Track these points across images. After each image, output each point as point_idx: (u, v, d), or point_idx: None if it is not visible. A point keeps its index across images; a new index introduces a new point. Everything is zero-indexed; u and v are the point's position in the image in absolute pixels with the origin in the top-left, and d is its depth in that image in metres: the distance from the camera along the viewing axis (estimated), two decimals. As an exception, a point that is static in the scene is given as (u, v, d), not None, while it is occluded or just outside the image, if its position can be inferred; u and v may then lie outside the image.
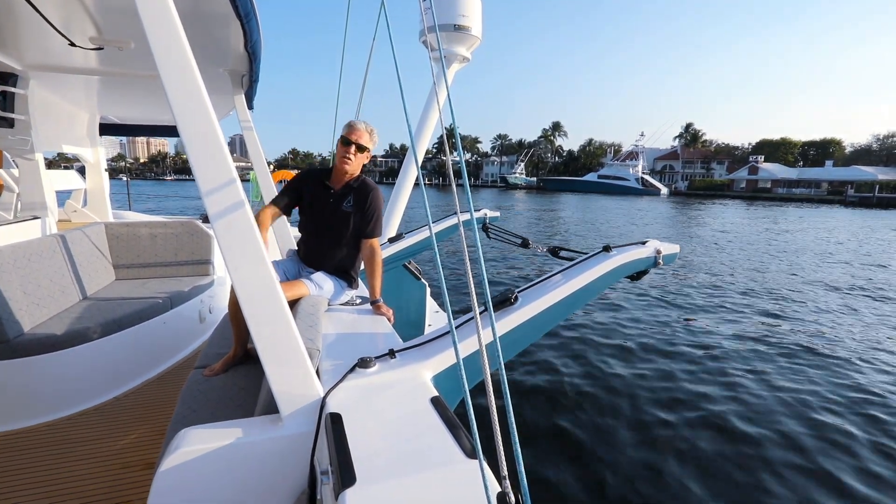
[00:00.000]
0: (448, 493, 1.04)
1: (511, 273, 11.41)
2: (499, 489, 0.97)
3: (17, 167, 4.28)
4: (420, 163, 2.17)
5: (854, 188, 56.43)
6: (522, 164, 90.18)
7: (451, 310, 1.32)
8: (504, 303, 1.92)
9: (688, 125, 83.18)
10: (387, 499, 1.01)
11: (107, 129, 6.20)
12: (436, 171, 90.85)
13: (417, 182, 4.11)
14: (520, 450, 0.93)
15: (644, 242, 2.31)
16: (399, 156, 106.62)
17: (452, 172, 1.51)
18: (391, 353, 1.67)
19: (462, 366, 1.19)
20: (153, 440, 2.42)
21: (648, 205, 44.66)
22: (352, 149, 2.32)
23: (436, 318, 5.04)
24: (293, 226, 3.33)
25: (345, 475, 1.06)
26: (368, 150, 2.38)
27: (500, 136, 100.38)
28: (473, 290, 1.28)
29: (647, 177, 72.74)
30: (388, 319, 2.27)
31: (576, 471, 3.69)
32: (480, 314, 1.49)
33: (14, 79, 3.58)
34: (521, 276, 11.04)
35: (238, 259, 1.32)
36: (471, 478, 1.06)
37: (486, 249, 13.34)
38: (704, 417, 4.50)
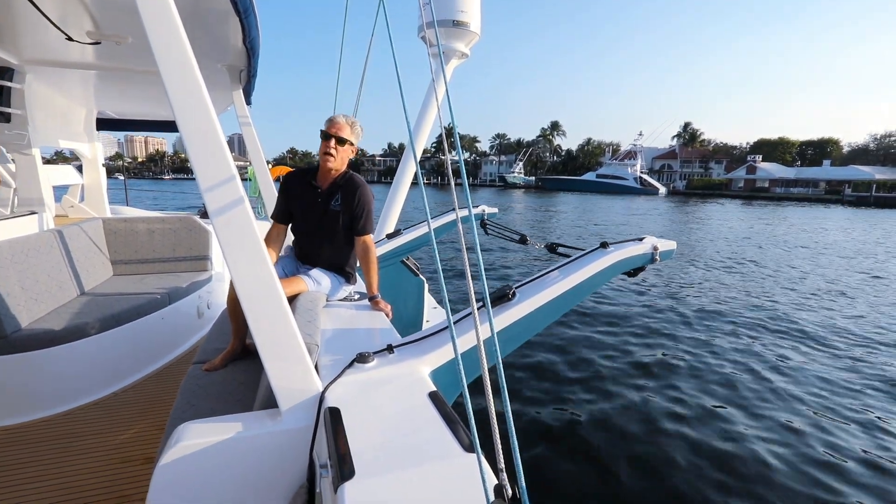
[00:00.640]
0: (446, 487, 1.05)
1: (509, 269, 11.43)
2: (496, 482, 0.98)
3: (14, 162, 4.26)
4: (418, 159, 2.17)
5: (851, 187, 56.63)
6: (521, 164, 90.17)
7: (449, 305, 1.33)
8: (502, 298, 1.93)
9: (686, 124, 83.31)
10: (385, 492, 1.02)
11: (104, 125, 6.17)
12: (434, 171, 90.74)
13: (416, 180, 4.12)
14: (517, 443, 0.94)
15: (641, 239, 2.32)
16: (397, 155, 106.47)
17: (451, 169, 1.51)
18: (389, 349, 1.68)
19: (460, 361, 1.20)
20: (152, 435, 2.42)
21: (647, 204, 44.75)
22: (332, 142, 2.27)
23: (433, 314, 5.05)
24: None
25: (344, 468, 1.06)
26: (351, 143, 2.33)
27: (499, 136, 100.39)
28: (471, 286, 1.29)
29: (646, 176, 72.84)
30: (387, 315, 2.28)
31: (572, 463, 3.72)
32: (478, 310, 1.49)
33: (10, 73, 3.56)
34: (519, 273, 11.06)
35: (237, 255, 1.32)
36: (468, 471, 1.07)
37: (484, 246, 13.36)
38: (703, 412, 4.53)
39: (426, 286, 4.69)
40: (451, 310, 1.35)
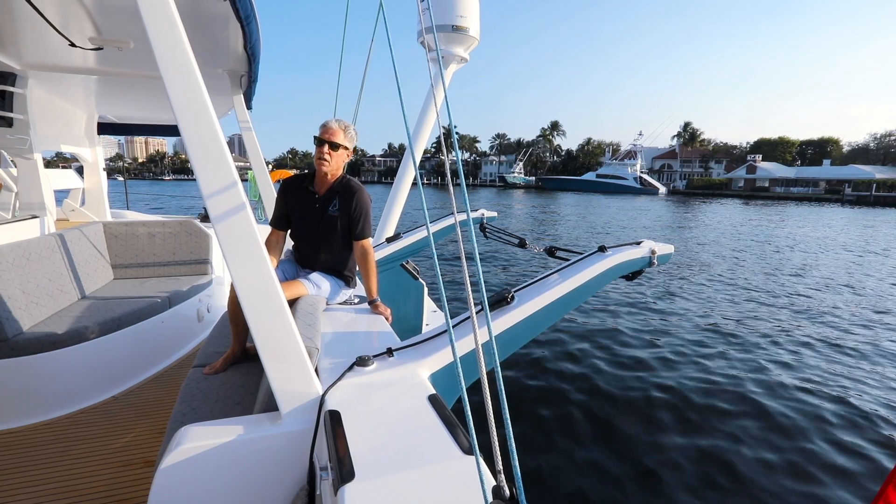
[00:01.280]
0: (445, 489, 1.06)
1: (508, 273, 11.43)
2: (494, 484, 0.99)
3: (16, 166, 4.28)
4: (418, 163, 2.18)
5: (851, 187, 56.61)
6: (521, 164, 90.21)
7: (449, 309, 1.34)
8: (500, 302, 1.94)
9: (686, 124, 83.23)
10: (385, 494, 1.03)
11: (105, 129, 6.19)
12: (434, 171, 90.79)
13: (416, 182, 4.12)
14: (514, 446, 0.95)
15: (639, 243, 2.33)
16: (397, 155, 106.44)
17: (450, 173, 1.53)
18: (389, 352, 1.69)
19: (459, 364, 1.21)
20: (153, 438, 2.43)
21: (646, 204, 44.73)
22: (325, 148, 2.28)
23: (433, 318, 5.06)
24: None
25: (344, 471, 1.07)
26: (346, 148, 2.34)
27: (499, 136, 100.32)
28: (470, 290, 1.30)
29: (646, 176, 72.83)
30: (386, 318, 2.30)
31: (569, 465, 3.73)
32: (477, 313, 1.51)
33: (13, 78, 3.58)
34: (518, 276, 11.07)
35: (238, 258, 1.33)
36: (467, 473, 1.09)
37: (483, 249, 13.37)
38: (704, 413, 4.53)
39: (426, 290, 4.70)
40: (451, 313, 1.36)
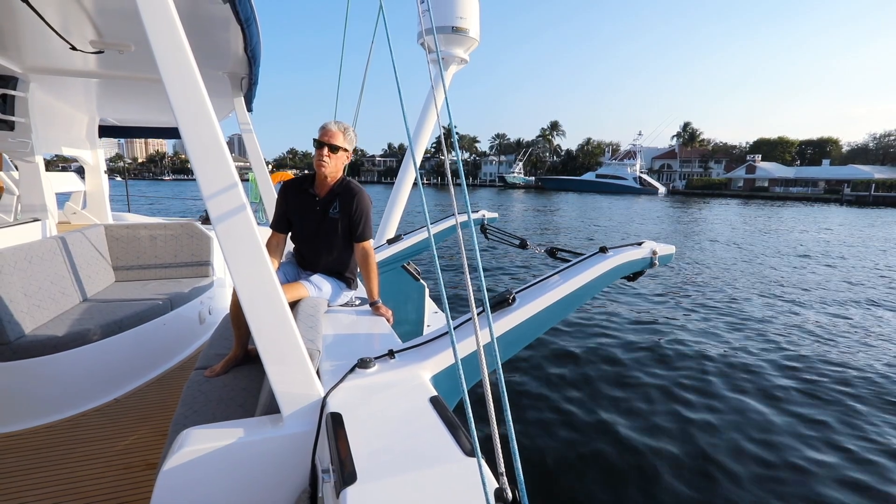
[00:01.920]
0: (447, 491, 1.06)
1: (509, 274, 11.43)
2: (496, 486, 0.99)
3: (17, 170, 4.28)
4: (418, 164, 2.18)
5: (850, 187, 56.59)
6: (521, 164, 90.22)
7: (450, 311, 1.34)
8: (502, 303, 1.94)
9: (685, 124, 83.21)
10: (387, 496, 1.03)
11: (106, 132, 6.20)
12: (434, 171, 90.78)
13: (416, 183, 4.12)
14: (517, 448, 0.95)
15: (640, 243, 2.33)
16: (397, 155, 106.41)
17: (450, 174, 1.53)
18: (390, 354, 1.70)
19: (460, 366, 1.21)
20: (154, 441, 2.44)
21: (646, 204, 44.74)
22: (324, 150, 2.28)
23: (434, 319, 5.06)
24: None
25: (346, 473, 1.08)
26: (345, 150, 2.35)
27: (499, 136, 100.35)
28: (472, 291, 1.30)
29: (645, 176, 72.83)
30: (387, 320, 2.30)
31: (572, 467, 3.73)
32: (478, 315, 1.51)
33: (14, 82, 3.59)
34: (519, 277, 11.07)
35: (239, 261, 1.34)
36: (469, 475, 1.09)
37: (484, 250, 13.36)
38: (707, 416, 4.53)
39: (427, 291, 4.70)
40: (452, 315, 1.36)
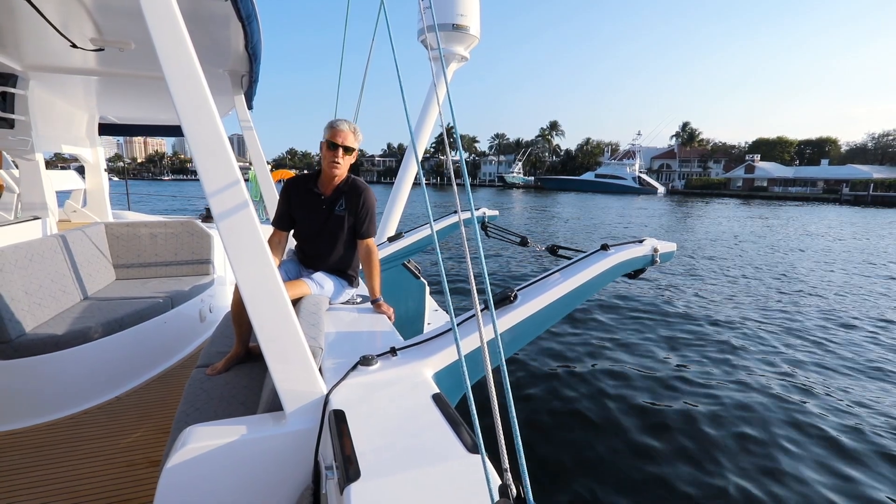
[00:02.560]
0: (450, 487, 1.06)
1: (510, 271, 11.44)
2: (500, 482, 0.99)
3: (17, 168, 4.28)
4: (420, 161, 2.18)
5: (849, 186, 56.68)
6: (520, 164, 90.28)
7: (452, 308, 1.34)
8: (504, 301, 1.94)
9: (685, 124, 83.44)
10: (391, 493, 1.03)
11: (106, 129, 6.19)
12: (433, 171, 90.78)
13: (417, 181, 4.12)
14: (521, 444, 0.95)
15: (641, 241, 2.33)
16: (397, 155, 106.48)
17: (452, 171, 1.52)
18: (392, 351, 1.70)
19: (464, 363, 1.21)
20: (156, 438, 2.43)
21: (646, 203, 44.77)
22: (339, 152, 2.25)
23: (435, 317, 5.06)
24: None
25: (349, 470, 1.08)
26: (355, 151, 2.34)
27: (498, 136, 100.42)
28: (474, 288, 1.30)
29: (645, 176, 72.94)
30: (389, 318, 2.30)
31: (576, 462, 3.73)
32: (481, 312, 1.51)
33: (14, 79, 3.58)
34: (520, 275, 11.07)
35: (242, 258, 1.34)
36: (473, 472, 1.09)
37: (485, 248, 13.35)
38: (713, 412, 4.51)
39: (427, 289, 4.70)
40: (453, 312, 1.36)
